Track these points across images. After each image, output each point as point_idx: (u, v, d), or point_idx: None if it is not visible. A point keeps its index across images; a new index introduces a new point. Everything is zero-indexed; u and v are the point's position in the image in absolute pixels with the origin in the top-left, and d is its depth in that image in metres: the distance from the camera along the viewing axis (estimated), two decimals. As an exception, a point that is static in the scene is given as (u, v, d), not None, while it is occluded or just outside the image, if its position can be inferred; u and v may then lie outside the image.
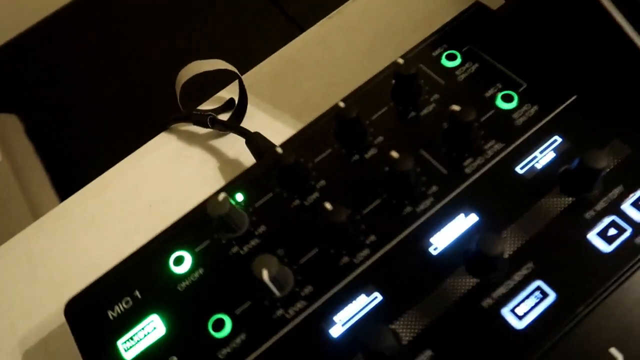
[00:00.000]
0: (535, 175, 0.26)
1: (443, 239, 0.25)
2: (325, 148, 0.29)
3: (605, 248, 0.23)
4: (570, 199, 0.25)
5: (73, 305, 0.28)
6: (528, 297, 0.23)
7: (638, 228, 0.23)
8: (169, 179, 0.40)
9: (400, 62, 0.27)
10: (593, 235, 0.24)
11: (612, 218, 0.24)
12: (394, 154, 0.25)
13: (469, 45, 0.30)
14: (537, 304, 0.23)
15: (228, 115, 0.42)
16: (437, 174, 0.27)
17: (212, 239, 0.27)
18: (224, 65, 0.40)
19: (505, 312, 0.23)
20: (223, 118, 0.41)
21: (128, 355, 0.25)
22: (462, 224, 0.25)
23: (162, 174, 0.41)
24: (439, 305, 0.23)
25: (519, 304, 0.23)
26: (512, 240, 0.24)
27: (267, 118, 0.41)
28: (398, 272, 0.25)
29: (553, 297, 0.23)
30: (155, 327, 0.26)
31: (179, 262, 0.27)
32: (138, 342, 0.26)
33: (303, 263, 0.26)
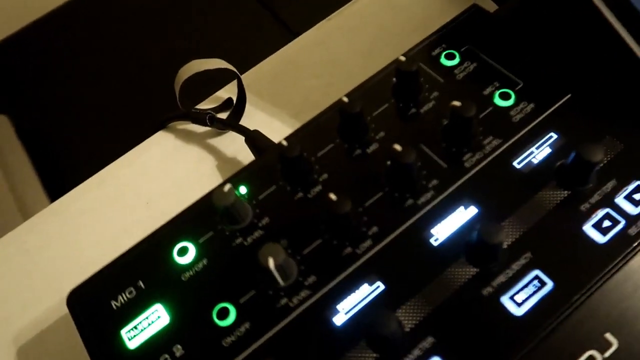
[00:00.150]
0: (532, 170, 0.27)
1: (443, 231, 0.26)
2: (328, 143, 0.29)
3: (600, 239, 0.24)
4: (566, 193, 0.26)
5: (75, 296, 0.28)
6: (526, 285, 0.24)
7: (631, 220, 0.24)
8: (167, 176, 0.41)
9: (402, 59, 0.28)
10: (588, 227, 0.24)
11: (606, 210, 0.25)
12: (397, 147, 0.25)
13: (468, 45, 0.31)
14: (535, 292, 0.23)
15: (226, 115, 0.42)
16: (437, 168, 0.27)
17: (216, 231, 0.28)
18: (224, 65, 0.40)
19: (505, 299, 0.23)
20: (221, 117, 0.42)
21: (132, 344, 0.26)
22: (462, 216, 0.26)
23: (160, 171, 0.41)
24: (440, 294, 0.24)
25: (518, 292, 0.23)
26: (510, 232, 0.25)
27: (265, 117, 0.42)
28: (400, 262, 0.25)
29: (550, 285, 0.23)
30: (160, 316, 0.26)
31: (183, 252, 0.28)
32: (142, 331, 0.26)
33: (306, 254, 0.26)
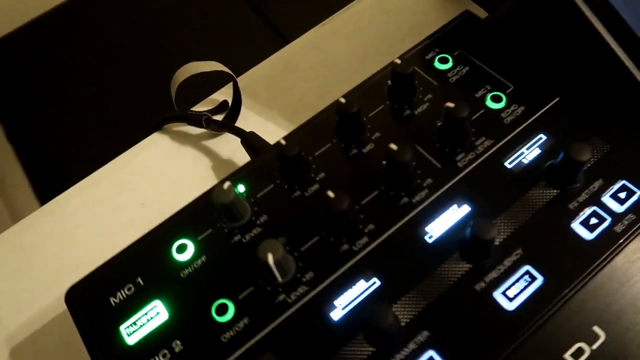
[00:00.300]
0: (523, 170, 0.27)
1: (438, 228, 0.26)
2: (325, 142, 0.30)
3: (588, 236, 0.25)
4: (555, 192, 0.26)
5: (74, 292, 0.28)
6: (518, 280, 0.24)
7: (617, 217, 0.25)
8: (163, 177, 0.41)
9: (398, 62, 0.29)
10: (576, 224, 0.25)
11: (593, 208, 0.26)
12: (393, 146, 0.26)
13: (460, 50, 0.32)
14: (526, 287, 0.24)
15: (222, 117, 0.42)
16: (431, 168, 0.28)
17: (214, 228, 0.28)
18: (220, 67, 0.41)
19: (497, 294, 0.24)
20: (217, 119, 0.42)
21: (131, 340, 0.26)
22: (455, 214, 0.27)
23: (155, 172, 0.41)
24: (435, 289, 0.25)
25: (510, 287, 0.24)
26: (502, 229, 0.26)
27: (260, 119, 0.42)
28: (395, 258, 0.26)
29: (541, 280, 0.24)
30: (159, 312, 0.26)
31: (182, 249, 0.28)
32: (141, 326, 0.26)
33: (304, 250, 0.27)
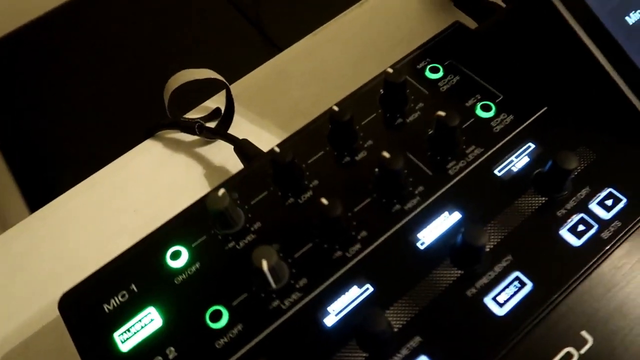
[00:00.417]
0: (512, 177, 0.28)
1: (429, 235, 0.27)
2: (319, 150, 0.30)
3: (575, 242, 0.26)
4: (544, 199, 0.27)
5: (67, 299, 0.28)
6: (508, 286, 0.25)
7: (603, 224, 0.26)
8: (155, 184, 0.41)
9: (390, 71, 0.29)
10: (564, 231, 0.26)
11: (580, 215, 0.26)
12: (386, 154, 0.26)
13: (451, 60, 0.33)
14: (515, 293, 0.25)
15: (215, 124, 0.43)
16: (423, 175, 0.29)
17: (208, 235, 0.28)
18: (213, 75, 0.41)
19: (488, 300, 0.25)
20: (210, 126, 0.42)
21: (125, 347, 0.26)
22: (446, 221, 0.27)
23: (148, 179, 0.41)
24: (427, 295, 0.25)
25: (500, 293, 0.25)
26: (492, 236, 0.26)
27: (253, 127, 0.43)
28: (388, 265, 0.26)
29: (530, 286, 0.25)
30: (153, 319, 0.26)
31: (176, 256, 0.28)
32: (135, 333, 0.26)
33: (298, 257, 0.27)
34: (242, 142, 0.38)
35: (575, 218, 0.26)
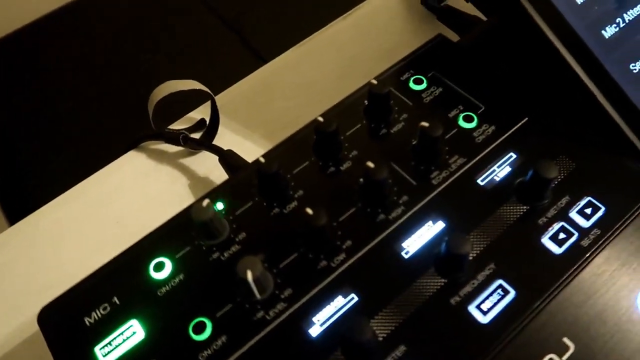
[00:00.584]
0: (494, 187, 0.28)
1: (414, 244, 0.27)
2: (304, 160, 0.30)
3: (557, 250, 0.26)
4: (525, 208, 0.27)
5: (47, 313, 0.27)
6: (491, 294, 0.25)
7: (583, 232, 0.26)
8: (138, 196, 0.41)
9: (375, 82, 0.30)
10: (546, 239, 0.26)
11: (561, 224, 0.27)
12: (370, 164, 0.27)
13: (434, 72, 0.33)
14: (499, 301, 0.25)
15: (199, 135, 0.43)
16: (407, 185, 0.29)
17: (193, 246, 0.28)
18: (197, 86, 0.41)
19: (472, 308, 0.25)
20: (195, 137, 0.42)
21: (106, 360, 0.25)
22: (430, 230, 0.27)
23: (131, 191, 0.41)
24: (411, 304, 0.25)
25: (484, 301, 0.25)
26: (475, 244, 0.27)
27: (238, 138, 0.43)
28: (373, 274, 0.26)
29: (513, 294, 0.25)
30: (135, 331, 0.26)
31: (159, 268, 0.28)
32: (117, 347, 0.26)
33: (283, 267, 0.27)
34: (227, 152, 0.38)
35: (556, 226, 0.27)
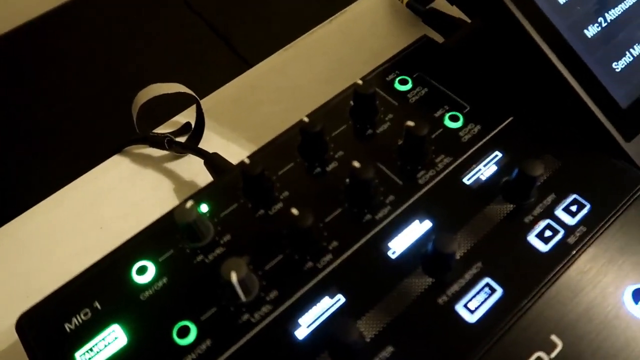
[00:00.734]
0: (481, 186, 0.28)
1: (400, 244, 0.27)
2: (289, 161, 0.30)
3: (543, 248, 0.26)
4: (512, 206, 0.27)
5: (26, 319, 0.26)
6: (478, 293, 0.25)
7: (569, 230, 0.26)
8: (123, 200, 0.40)
9: (360, 83, 0.29)
10: (532, 237, 0.26)
11: (547, 221, 0.27)
12: (356, 164, 0.26)
13: (419, 72, 0.33)
14: (486, 299, 0.25)
15: (185, 139, 0.42)
16: (393, 185, 0.29)
17: (176, 249, 0.28)
18: (182, 89, 0.41)
19: (459, 307, 0.25)
20: (180, 141, 0.42)
21: (87, 367, 0.25)
22: (417, 230, 0.27)
23: (115, 195, 0.40)
24: (399, 304, 0.25)
25: (471, 300, 0.25)
26: (462, 243, 0.26)
27: (224, 142, 0.42)
28: (359, 275, 0.26)
29: (500, 292, 0.25)
30: (117, 337, 0.25)
31: (142, 271, 0.27)
32: (98, 353, 0.25)
33: (268, 269, 0.27)
34: (212, 156, 0.38)
35: (542, 224, 0.27)
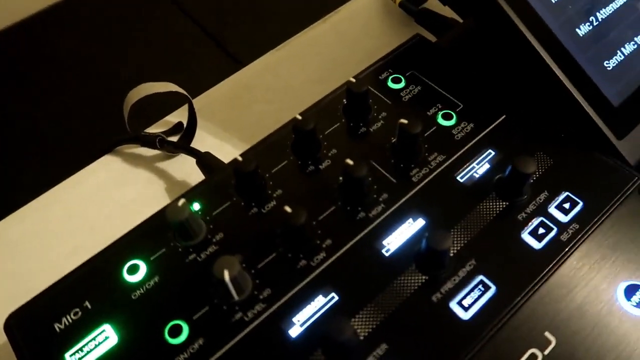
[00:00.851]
0: (474, 183, 0.28)
1: (394, 241, 0.27)
2: (282, 159, 0.30)
3: (536, 245, 0.26)
4: (505, 204, 0.27)
5: (14, 319, 0.26)
6: (472, 290, 0.25)
7: (562, 227, 0.26)
8: (114, 201, 0.40)
9: (353, 81, 0.29)
10: (525, 234, 0.26)
11: (540, 219, 0.27)
12: (349, 161, 0.26)
13: (412, 71, 0.33)
14: (480, 296, 0.25)
15: (176, 138, 0.42)
16: (386, 183, 0.29)
17: (168, 247, 0.27)
18: (174, 88, 0.40)
19: (453, 304, 0.25)
20: (172, 140, 0.41)
21: (77, 367, 0.24)
22: (411, 227, 0.27)
23: (105, 195, 0.40)
24: (393, 302, 0.25)
25: (465, 297, 0.25)
26: (455, 240, 0.26)
27: (216, 141, 0.42)
28: (353, 273, 0.26)
29: (494, 289, 0.25)
30: (108, 336, 0.25)
31: (133, 270, 0.27)
32: (88, 353, 0.25)
33: (261, 267, 0.26)
34: (204, 154, 0.38)
35: (536, 221, 0.27)
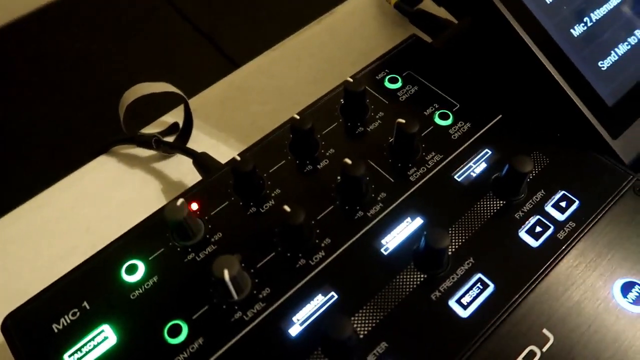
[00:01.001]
0: (471, 182, 0.29)
1: (393, 240, 0.27)
2: (280, 159, 0.30)
3: (534, 243, 0.26)
4: (502, 202, 0.28)
5: (12, 320, 0.26)
6: (471, 288, 0.25)
7: (559, 225, 0.27)
8: (109, 201, 0.39)
9: (350, 80, 0.30)
10: (523, 233, 0.27)
11: (537, 217, 0.27)
12: (347, 161, 0.26)
13: (409, 71, 0.33)
14: (478, 294, 0.25)
15: (172, 139, 0.42)
16: (384, 182, 0.29)
17: (167, 247, 0.27)
18: (170, 88, 0.40)
19: (452, 302, 0.25)
20: (167, 140, 0.41)
21: (75, 368, 0.24)
22: (409, 226, 0.27)
23: (101, 196, 0.40)
24: (392, 300, 0.25)
25: (463, 295, 0.25)
26: (453, 239, 0.27)
27: (212, 142, 0.42)
28: (352, 271, 0.26)
29: (492, 287, 0.25)
30: (107, 337, 0.25)
31: (132, 270, 0.27)
32: (87, 353, 0.25)
33: (260, 267, 0.26)
34: (201, 155, 0.37)
35: (533, 220, 0.27)
